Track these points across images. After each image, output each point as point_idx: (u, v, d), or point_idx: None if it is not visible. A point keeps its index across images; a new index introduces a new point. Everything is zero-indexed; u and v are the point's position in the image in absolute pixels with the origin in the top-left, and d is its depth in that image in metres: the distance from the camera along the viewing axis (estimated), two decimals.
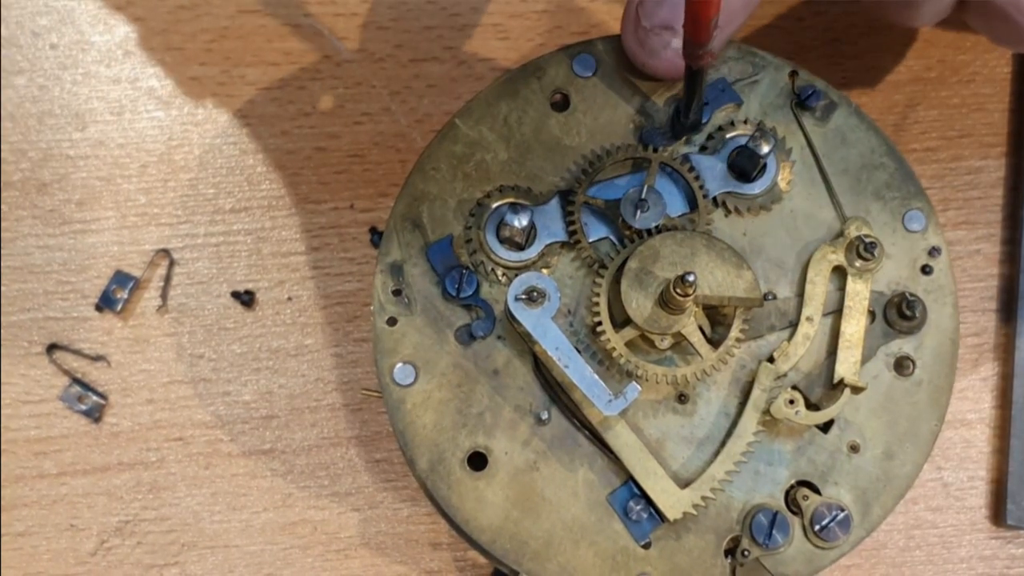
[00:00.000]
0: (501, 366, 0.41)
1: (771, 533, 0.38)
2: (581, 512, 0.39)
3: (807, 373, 0.40)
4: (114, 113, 0.50)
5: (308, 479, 0.48)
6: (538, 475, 0.40)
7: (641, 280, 0.39)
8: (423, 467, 0.40)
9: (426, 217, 0.42)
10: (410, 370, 0.41)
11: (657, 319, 0.39)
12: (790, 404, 0.39)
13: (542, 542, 0.39)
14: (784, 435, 0.40)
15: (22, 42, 0.51)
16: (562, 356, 0.38)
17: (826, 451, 0.40)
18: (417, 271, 0.42)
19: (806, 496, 0.39)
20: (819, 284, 0.40)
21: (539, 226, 0.41)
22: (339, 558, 0.48)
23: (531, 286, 0.39)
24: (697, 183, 0.41)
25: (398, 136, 0.50)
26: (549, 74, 0.43)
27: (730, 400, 0.40)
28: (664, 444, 0.40)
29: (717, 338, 0.40)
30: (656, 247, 0.39)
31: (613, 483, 0.40)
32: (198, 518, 0.48)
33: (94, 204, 0.50)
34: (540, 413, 0.40)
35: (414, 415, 0.40)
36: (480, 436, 0.40)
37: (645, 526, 0.39)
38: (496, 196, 0.42)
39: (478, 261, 0.41)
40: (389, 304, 0.41)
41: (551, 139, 0.43)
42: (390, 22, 0.51)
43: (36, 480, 0.48)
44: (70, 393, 0.48)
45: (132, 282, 0.49)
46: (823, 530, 0.38)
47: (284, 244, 0.50)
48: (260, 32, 0.51)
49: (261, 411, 0.48)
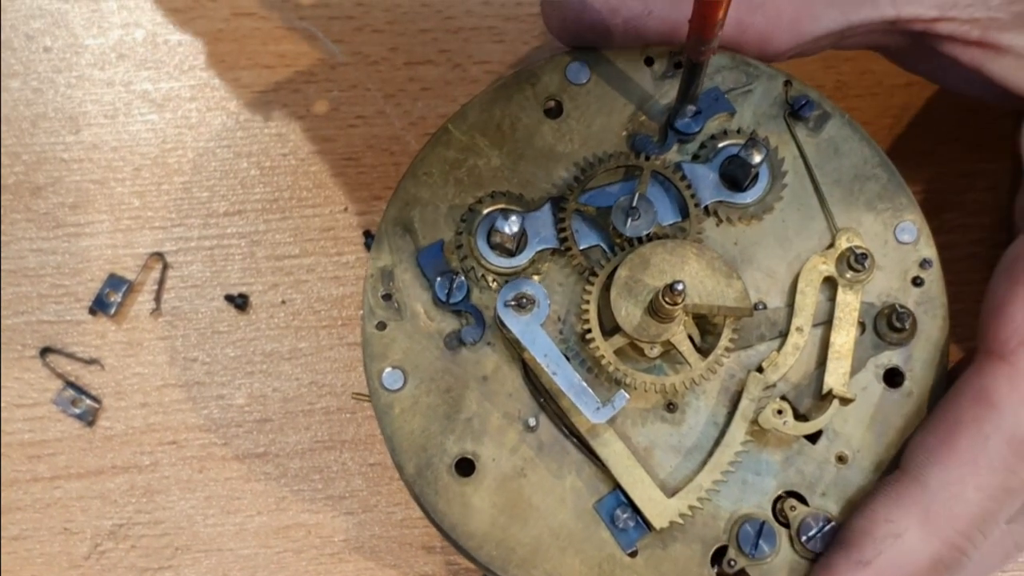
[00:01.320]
0: (490, 372, 0.41)
1: (758, 543, 0.38)
2: (568, 519, 0.39)
3: (796, 383, 0.40)
4: (108, 116, 0.50)
5: (302, 483, 0.48)
6: (526, 482, 0.40)
7: (631, 288, 0.39)
8: (411, 472, 0.40)
9: (417, 222, 0.42)
10: (399, 375, 0.41)
11: (646, 327, 0.38)
12: (778, 414, 0.39)
13: (529, 549, 0.39)
14: (772, 445, 0.40)
15: (16, 45, 0.51)
16: (551, 363, 0.38)
17: (814, 462, 0.40)
18: (408, 276, 0.42)
19: (793, 507, 0.39)
20: (809, 295, 0.40)
21: (530, 232, 0.41)
22: (333, 562, 0.48)
23: (521, 293, 0.39)
24: (689, 192, 0.41)
25: (392, 139, 0.50)
26: (543, 81, 0.43)
27: (719, 409, 0.40)
28: (652, 452, 0.40)
29: (706, 347, 0.40)
30: (646, 255, 0.39)
31: (600, 491, 0.40)
32: (192, 522, 0.48)
33: (88, 207, 0.50)
34: (528, 420, 0.40)
35: (402, 420, 0.40)
36: (468, 442, 0.40)
37: (632, 534, 0.39)
38: (488, 202, 0.41)
39: (469, 267, 0.41)
40: (379, 309, 0.41)
41: (544, 146, 0.43)
42: (385, 25, 0.51)
43: (30, 484, 0.48)
44: (64, 397, 0.48)
45: (126, 285, 0.49)
46: (810, 541, 0.38)
47: (278, 247, 0.50)
48: (255, 35, 0.51)
49: (255, 415, 0.49)
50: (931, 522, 0.36)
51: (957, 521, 0.36)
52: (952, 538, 0.36)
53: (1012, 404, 0.36)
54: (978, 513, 0.36)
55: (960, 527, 0.36)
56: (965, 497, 0.36)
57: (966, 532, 0.36)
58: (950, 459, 0.36)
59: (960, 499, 0.36)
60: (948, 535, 0.36)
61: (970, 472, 0.36)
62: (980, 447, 0.36)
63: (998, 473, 0.36)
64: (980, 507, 0.36)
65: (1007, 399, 0.36)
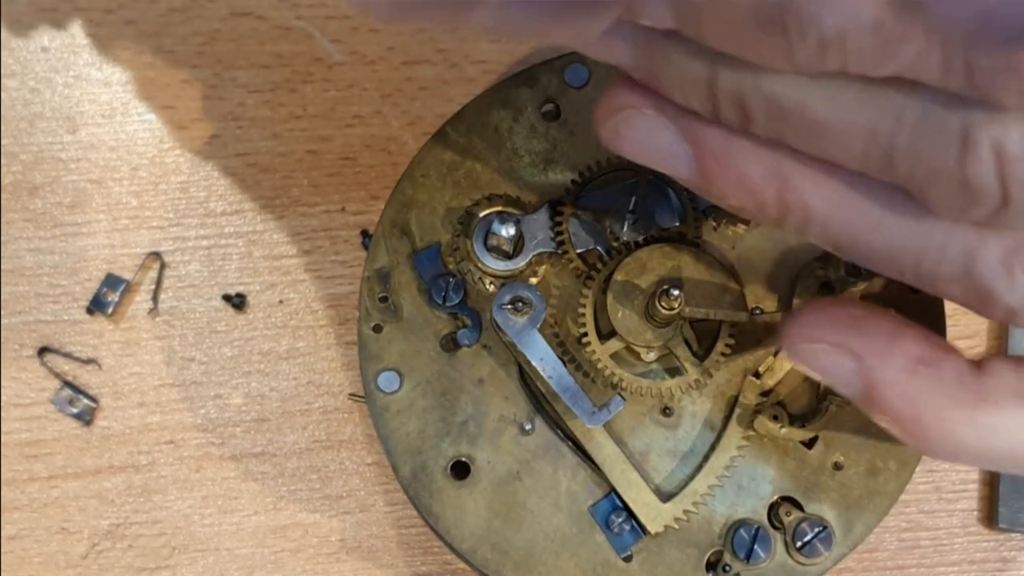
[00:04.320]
0: (486, 375, 0.41)
1: (753, 548, 0.38)
2: (563, 523, 0.39)
3: (793, 389, 0.40)
4: (105, 116, 0.50)
5: (299, 482, 0.48)
6: (521, 485, 0.40)
7: (627, 292, 0.39)
8: (406, 475, 0.40)
9: (414, 224, 0.42)
10: (395, 377, 0.41)
11: (643, 332, 0.39)
12: (775, 419, 0.39)
13: (523, 552, 0.39)
14: (768, 450, 0.40)
15: (14, 45, 0.51)
16: (546, 367, 0.38)
17: (810, 467, 0.40)
18: (404, 278, 0.42)
19: (789, 512, 0.39)
20: (806, 300, 0.40)
21: (527, 236, 0.41)
22: (330, 561, 0.48)
23: (517, 296, 0.39)
24: (687, 196, 0.41)
25: (390, 139, 0.50)
26: (541, 83, 0.43)
27: (715, 414, 0.40)
28: (648, 457, 0.40)
29: (703, 352, 0.40)
30: (643, 259, 0.39)
31: (596, 495, 0.40)
32: (189, 521, 0.48)
33: (85, 207, 0.50)
34: (524, 423, 0.40)
35: (398, 422, 0.40)
36: (463, 445, 0.40)
37: (627, 539, 0.39)
38: (485, 205, 0.41)
39: (465, 269, 0.41)
40: (375, 311, 0.42)
41: (541, 149, 0.43)
42: (382, 24, 0.51)
43: (27, 483, 0.48)
44: (61, 396, 0.48)
45: (123, 285, 0.49)
46: (805, 546, 0.39)
47: (276, 247, 0.50)
48: (252, 35, 0.50)
49: (252, 414, 0.49)
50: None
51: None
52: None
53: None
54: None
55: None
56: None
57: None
58: None
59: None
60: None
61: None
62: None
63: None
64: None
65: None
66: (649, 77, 0.29)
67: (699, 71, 0.28)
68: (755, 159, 0.29)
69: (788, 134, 0.28)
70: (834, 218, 0.29)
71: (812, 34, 0.25)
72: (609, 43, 0.29)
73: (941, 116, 0.25)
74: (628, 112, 0.30)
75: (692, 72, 0.28)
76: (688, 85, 0.28)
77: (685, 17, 0.26)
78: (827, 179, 0.29)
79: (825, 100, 0.26)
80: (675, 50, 0.28)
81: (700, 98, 0.28)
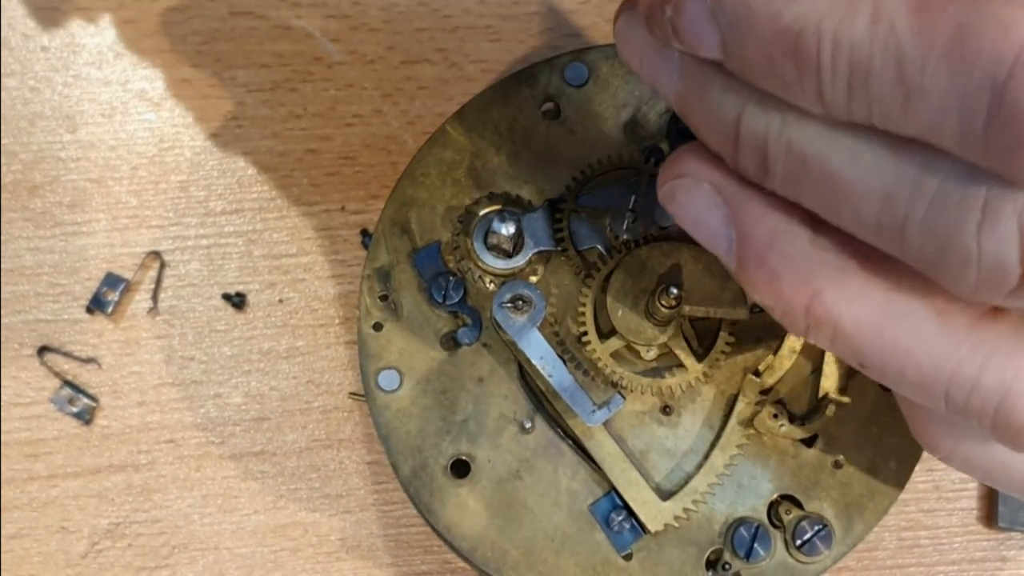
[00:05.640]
0: (486, 374, 0.41)
1: (753, 547, 0.38)
2: (563, 521, 0.39)
3: (793, 387, 0.40)
4: (105, 115, 0.50)
5: (299, 481, 0.48)
6: (521, 484, 0.40)
7: (627, 291, 0.39)
8: (406, 473, 0.40)
9: (414, 223, 0.42)
10: (395, 376, 0.41)
11: (643, 330, 0.39)
12: (774, 418, 0.39)
13: (523, 551, 0.39)
14: (768, 449, 0.40)
15: (14, 44, 0.51)
16: (546, 365, 0.38)
17: (810, 465, 0.40)
18: (404, 277, 0.42)
19: (788, 510, 0.39)
20: None
21: (527, 234, 0.41)
22: (330, 560, 0.48)
23: (517, 294, 0.39)
24: None
25: (389, 138, 0.50)
26: (541, 82, 0.43)
27: (714, 413, 0.40)
28: (648, 455, 0.40)
29: (703, 350, 0.40)
30: (643, 258, 0.39)
31: (596, 493, 0.40)
32: (189, 520, 0.48)
33: (85, 206, 0.50)
34: (524, 422, 0.40)
35: (398, 421, 0.41)
36: (464, 443, 0.40)
37: (627, 537, 0.39)
38: (485, 203, 0.42)
39: (465, 268, 0.41)
40: (375, 309, 0.42)
41: (541, 147, 0.43)
42: (381, 24, 0.51)
43: (27, 483, 0.48)
44: (61, 395, 0.48)
45: (123, 284, 0.49)
46: (805, 545, 0.39)
47: (275, 246, 0.50)
48: (251, 34, 0.50)
49: (252, 413, 0.49)
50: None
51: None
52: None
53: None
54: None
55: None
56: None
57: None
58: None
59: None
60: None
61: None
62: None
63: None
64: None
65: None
66: (683, 107, 0.29)
67: (729, 107, 0.27)
68: (792, 265, 0.28)
69: (805, 191, 0.27)
70: (863, 338, 0.28)
71: (842, 61, 0.24)
72: (657, 64, 0.29)
73: (961, 185, 0.24)
74: (688, 181, 0.30)
75: (722, 107, 0.28)
76: (715, 121, 0.28)
77: (728, 28, 0.26)
78: (860, 300, 0.28)
79: (846, 154, 0.26)
80: (712, 82, 0.28)
81: (723, 137, 0.28)
